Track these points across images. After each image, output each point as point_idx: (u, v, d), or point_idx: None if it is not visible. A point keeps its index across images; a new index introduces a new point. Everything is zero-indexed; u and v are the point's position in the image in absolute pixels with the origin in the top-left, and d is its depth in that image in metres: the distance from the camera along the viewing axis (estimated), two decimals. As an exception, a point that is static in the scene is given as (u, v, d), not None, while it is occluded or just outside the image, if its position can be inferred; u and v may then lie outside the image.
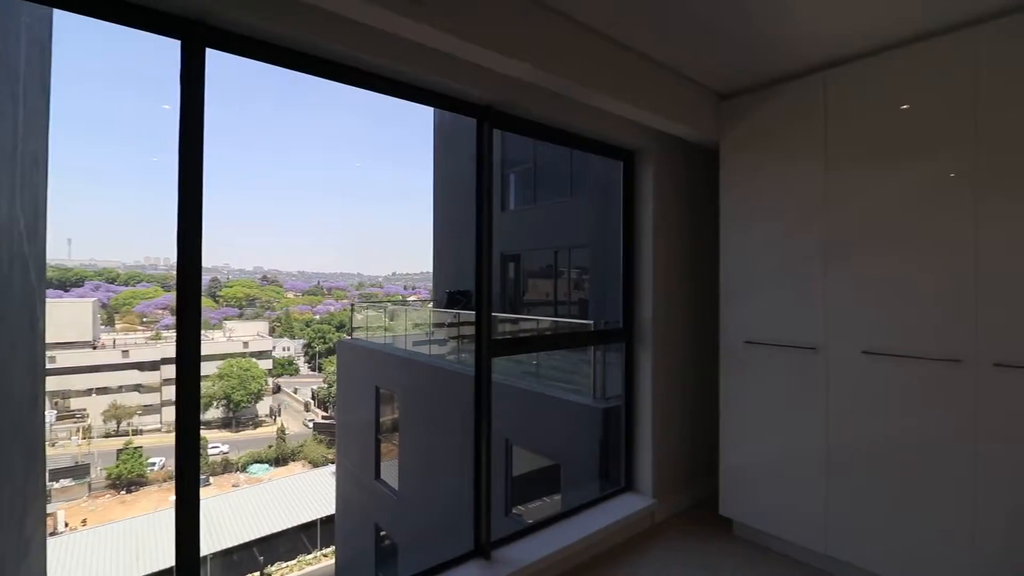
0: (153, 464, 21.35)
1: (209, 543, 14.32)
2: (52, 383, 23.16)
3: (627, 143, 3.15)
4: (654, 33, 2.40)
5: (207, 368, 25.57)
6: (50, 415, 22.46)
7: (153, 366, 25.28)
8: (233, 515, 15.92)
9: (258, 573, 15.19)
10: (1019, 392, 2.05)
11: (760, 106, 2.91)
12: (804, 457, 2.66)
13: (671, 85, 2.81)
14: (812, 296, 2.65)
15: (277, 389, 29.33)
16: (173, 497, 1.60)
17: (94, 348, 25.73)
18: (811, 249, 2.66)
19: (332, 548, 14.91)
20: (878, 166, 2.43)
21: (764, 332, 2.84)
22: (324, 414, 26.31)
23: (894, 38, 2.36)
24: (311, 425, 25.78)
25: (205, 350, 25.23)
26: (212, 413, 25.85)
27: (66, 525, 17.14)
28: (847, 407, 2.52)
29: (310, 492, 17.52)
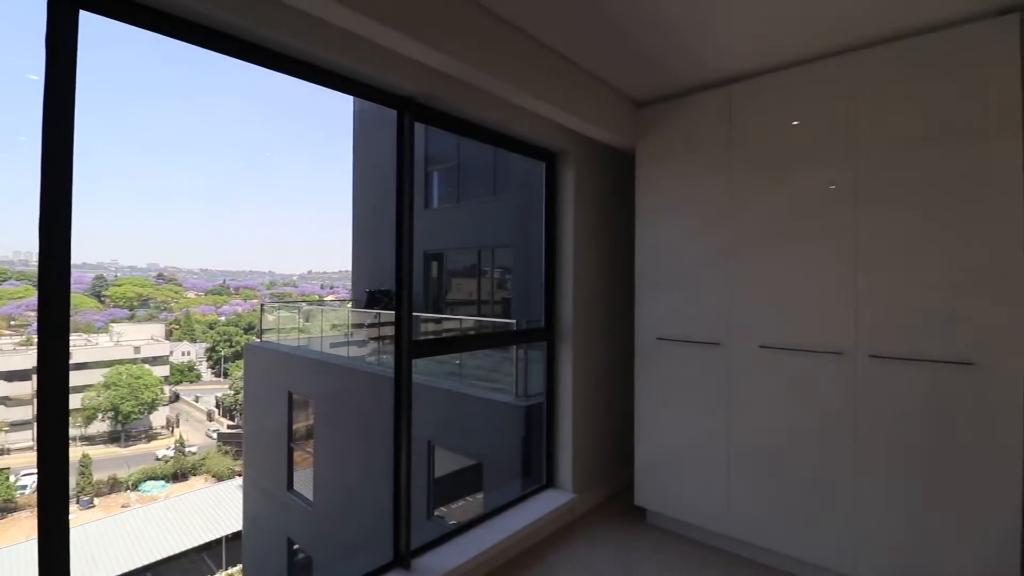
0: (24, 487, 18.71)
1: (91, 574, 12.78)
2: None
3: (550, 145, 3.18)
4: (572, 36, 2.45)
5: (92, 377, 22.81)
6: None
7: (23, 375, 22.13)
8: (123, 539, 14.35)
9: (152, 601, 13.80)
10: (891, 381, 2.30)
11: (673, 114, 3.06)
12: (709, 447, 2.83)
13: (592, 90, 2.88)
14: (717, 294, 2.82)
15: (175, 398, 26.80)
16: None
17: (-54, 356, 22.08)
18: (716, 250, 2.83)
19: (239, 567, 13.89)
20: (775, 175, 2.64)
21: (674, 329, 2.99)
22: (230, 423, 24.41)
23: (787, 59, 2.57)
24: (215, 436, 23.81)
25: (89, 356, 22.74)
26: (97, 427, 23.09)
27: (-92, 564, 14.59)
28: (747, 399, 2.71)
29: (213, 508, 16.18)
